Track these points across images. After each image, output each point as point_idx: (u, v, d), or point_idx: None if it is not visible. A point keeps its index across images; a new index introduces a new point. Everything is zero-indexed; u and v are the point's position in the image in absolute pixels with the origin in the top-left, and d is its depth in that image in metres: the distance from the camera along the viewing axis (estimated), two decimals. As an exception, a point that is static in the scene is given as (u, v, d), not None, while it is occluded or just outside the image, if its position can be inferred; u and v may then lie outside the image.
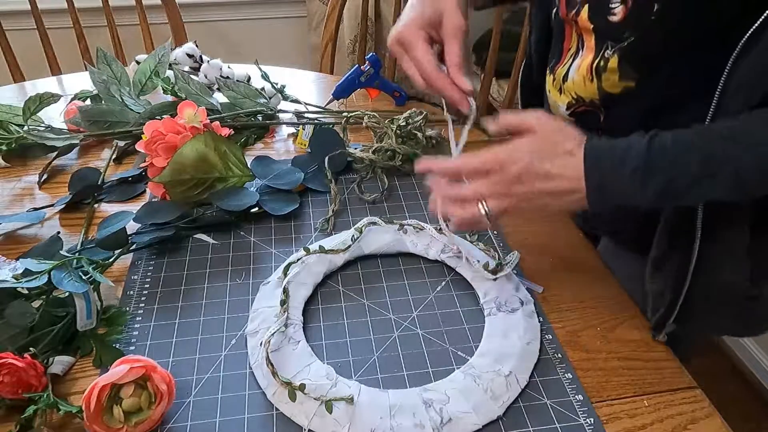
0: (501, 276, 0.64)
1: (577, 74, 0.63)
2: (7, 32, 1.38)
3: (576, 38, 0.64)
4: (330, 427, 0.50)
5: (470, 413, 0.52)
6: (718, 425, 0.53)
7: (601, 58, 0.60)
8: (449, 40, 0.60)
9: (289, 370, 0.54)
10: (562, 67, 0.66)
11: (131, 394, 0.50)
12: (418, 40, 0.60)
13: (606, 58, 0.59)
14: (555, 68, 0.68)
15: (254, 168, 0.80)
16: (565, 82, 0.65)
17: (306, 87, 1.14)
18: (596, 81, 0.61)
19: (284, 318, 0.58)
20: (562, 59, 0.67)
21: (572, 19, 0.62)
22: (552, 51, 0.70)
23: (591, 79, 0.61)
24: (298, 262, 0.65)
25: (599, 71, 0.60)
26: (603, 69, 0.60)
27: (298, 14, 1.97)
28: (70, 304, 0.58)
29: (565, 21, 0.65)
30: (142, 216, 0.71)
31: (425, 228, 0.70)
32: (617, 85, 0.60)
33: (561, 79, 0.66)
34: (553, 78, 0.68)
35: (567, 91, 0.66)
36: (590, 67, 0.61)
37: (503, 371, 0.55)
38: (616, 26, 0.57)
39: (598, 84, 0.61)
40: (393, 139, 0.85)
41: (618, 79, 0.59)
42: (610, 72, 0.59)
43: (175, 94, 0.97)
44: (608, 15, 0.57)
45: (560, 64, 0.67)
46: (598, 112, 0.64)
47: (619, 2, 0.56)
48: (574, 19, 0.62)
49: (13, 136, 0.86)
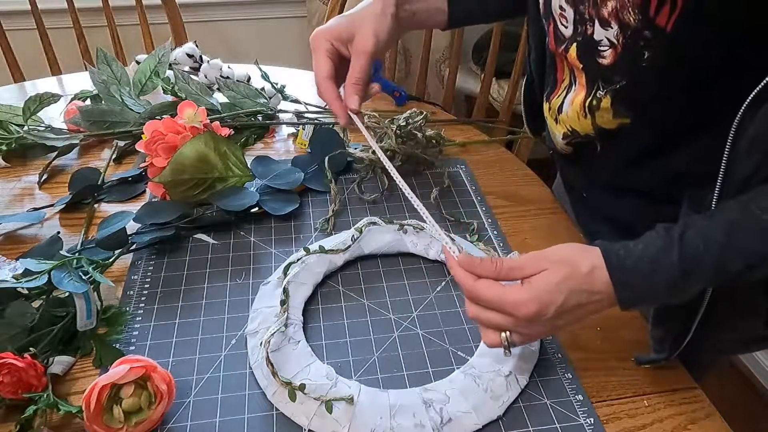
0: None
1: (571, 109, 0.61)
2: (7, 32, 1.38)
3: (568, 72, 0.62)
4: (330, 427, 0.50)
5: (470, 413, 0.52)
6: (718, 425, 0.53)
7: (593, 97, 0.58)
8: (353, 58, 0.63)
9: (289, 370, 0.54)
10: (556, 97, 0.65)
11: (131, 394, 0.50)
12: (320, 48, 0.64)
13: (598, 98, 0.57)
14: (550, 97, 0.66)
15: (254, 168, 0.80)
16: (560, 113, 0.64)
17: (306, 87, 1.13)
18: (590, 117, 0.59)
19: (284, 318, 0.58)
20: (557, 89, 0.65)
21: (561, 54, 0.60)
22: (547, 78, 0.68)
23: (585, 115, 0.59)
24: (298, 262, 0.65)
25: (592, 109, 0.58)
26: (596, 108, 0.58)
27: (298, 14, 1.97)
28: (70, 304, 0.58)
29: (555, 54, 0.63)
30: (142, 216, 0.71)
31: (425, 228, 0.70)
32: (611, 122, 0.58)
33: (556, 110, 0.65)
34: (549, 107, 0.66)
35: (562, 122, 0.64)
36: (583, 105, 0.59)
37: (503, 371, 0.55)
38: (606, 68, 0.54)
39: (592, 120, 0.59)
40: (393, 140, 0.85)
41: (612, 117, 0.57)
42: (604, 111, 0.57)
43: (175, 94, 0.97)
44: (597, 57, 0.55)
45: (555, 95, 0.65)
46: (594, 142, 0.63)
47: (607, 45, 0.53)
48: (563, 54, 0.60)
49: (13, 136, 0.86)
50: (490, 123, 1.13)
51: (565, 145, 0.66)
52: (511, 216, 0.78)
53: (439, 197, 0.80)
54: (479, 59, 1.90)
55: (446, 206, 0.79)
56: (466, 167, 0.88)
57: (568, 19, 0.57)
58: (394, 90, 1.05)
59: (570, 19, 0.56)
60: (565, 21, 0.57)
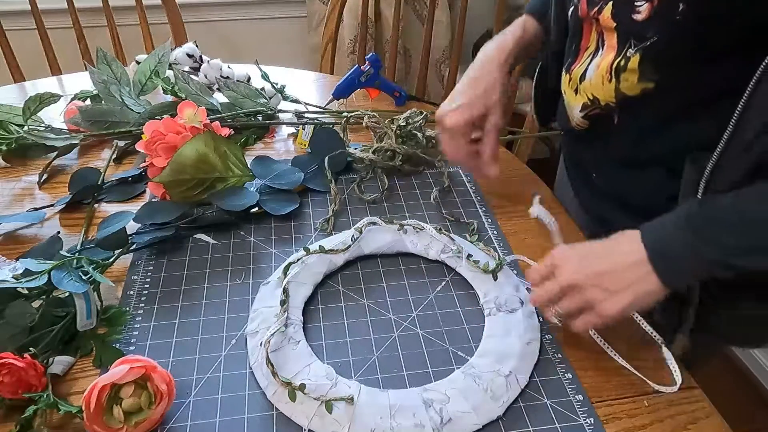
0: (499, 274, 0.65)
1: (596, 74, 0.62)
2: (7, 32, 1.38)
3: (596, 37, 0.63)
4: (330, 427, 0.50)
5: (470, 413, 0.52)
6: (718, 425, 0.53)
7: (623, 57, 0.58)
8: (488, 135, 0.72)
9: (289, 370, 0.54)
10: (579, 66, 0.66)
11: (131, 394, 0.50)
12: (460, 136, 0.72)
13: (627, 58, 0.58)
14: (571, 68, 0.67)
15: (254, 168, 0.80)
16: (582, 81, 0.65)
17: (306, 87, 1.14)
18: (614, 81, 0.60)
19: (284, 318, 0.58)
20: (579, 58, 0.66)
21: (593, 17, 0.61)
22: (567, 51, 0.69)
23: (609, 79, 0.60)
24: (298, 262, 0.65)
25: (619, 71, 0.59)
26: (623, 69, 0.59)
27: (298, 14, 1.97)
28: (70, 304, 0.58)
29: (585, 19, 0.64)
30: (142, 216, 0.71)
31: (425, 228, 0.70)
32: (635, 86, 0.59)
33: (578, 78, 0.65)
34: (570, 78, 0.67)
35: (583, 91, 0.65)
36: (610, 67, 0.60)
37: (503, 371, 0.55)
38: (639, 25, 0.56)
39: (616, 85, 0.60)
40: (393, 139, 0.85)
41: (637, 81, 0.58)
42: (630, 72, 0.58)
43: (175, 94, 0.97)
44: (632, 13, 0.56)
45: (577, 63, 0.66)
46: (612, 114, 0.63)
47: (644, 0, 0.55)
48: (595, 17, 0.61)
49: (13, 136, 0.86)
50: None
51: (582, 119, 0.67)
52: (511, 216, 0.78)
53: (440, 197, 0.80)
54: (479, 59, 1.90)
55: (446, 206, 0.79)
56: (466, 167, 0.88)
57: None
58: (394, 90, 1.05)
59: None
60: None
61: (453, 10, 1.91)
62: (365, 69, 1.00)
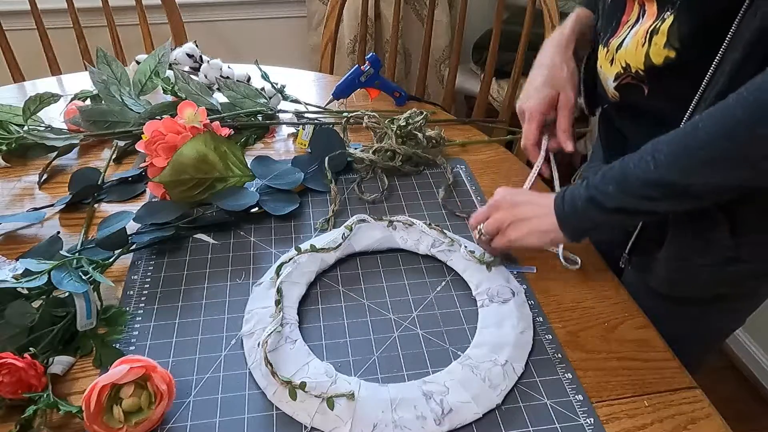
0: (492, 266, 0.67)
1: (632, 40, 0.64)
2: (7, 32, 1.38)
3: (638, 9, 0.65)
4: (332, 423, 0.51)
5: (470, 403, 0.52)
6: (718, 425, 0.53)
7: (660, 19, 0.60)
8: (561, 111, 0.75)
9: (287, 369, 0.54)
10: (617, 38, 0.67)
11: (131, 394, 0.50)
12: (534, 120, 0.76)
13: (663, 19, 0.59)
14: (609, 41, 0.69)
15: (254, 168, 0.80)
16: (618, 51, 0.66)
17: (306, 87, 1.14)
18: (646, 45, 0.61)
19: (280, 318, 0.58)
20: (618, 31, 0.67)
21: None
22: (606, 28, 0.71)
23: (643, 43, 0.62)
24: (290, 262, 0.65)
25: (653, 34, 0.60)
26: (656, 32, 0.60)
27: (298, 14, 1.97)
28: (70, 304, 0.58)
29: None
30: (142, 216, 0.71)
31: (415, 224, 0.71)
32: (660, 52, 0.60)
33: (614, 49, 0.67)
34: (607, 50, 0.69)
35: (618, 60, 0.66)
36: (646, 32, 0.61)
37: (500, 360, 0.55)
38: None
39: (647, 49, 0.61)
40: (393, 140, 0.85)
41: (663, 45, 0.59)
42: (661, 34, 0.59)
43: (175, 94, 0.97)
44: None
45: (615, 36, 0.68)
46: (641, 85, 0.64)
47: None
48: None
49: (13, 136, 0.86)
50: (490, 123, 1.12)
51: (614, 90, 0.68)
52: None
53: (444, 197, 0.80)
54: (479, 59, 1.90)
55: (447, 206, 0.79)
56: (466, 167, 0.88)
57: None
58: (394, 90, 1.05)
59: None
60: None
61: (453, 10, 1.91)
62: (365, 69, 1.00)
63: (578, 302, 0.65)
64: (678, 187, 0.53)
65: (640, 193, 0.55)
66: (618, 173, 0.57)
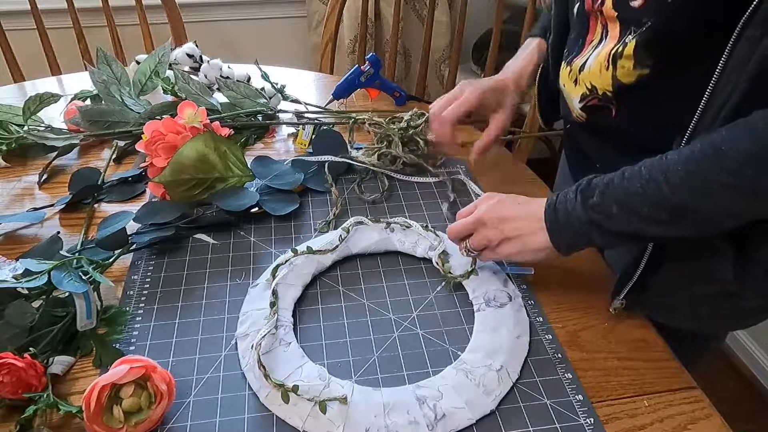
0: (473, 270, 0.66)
1: (595, 62, 0.63)
2: (7, 32, 1.38)
3: (600, 29, 0.64)
4: (324, 427, 0.50)
5: (464, 408, 0.52)
6: (718, 425, 0.53)
7: (621, 43, 0.60)
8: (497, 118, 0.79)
9: (281, 371, 0.54)
10: (580, 58, 0.67)
11: (131, 394, 0.50)
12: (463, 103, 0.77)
13: (625, 44, 0.59)
14: (573, 60, 0.68)
15: (254, 168, 0.80)
16: (582, 72, 0.66)
17: (306, 87, 1.14)
18: (611, 69, 0.61)
19: (274, 320, 0.58)
20: (583, 50, 0.67)
21: (597, 9, 0.62)
22: (570, 47, 0.70)
23: (607, 66, 0.61)
24: (286, 264, 0.65)
25: (616, 58, 0.60)
26: (619, 55, 0.59)
27: (298, 14, 1.97)
28: (70, 304, 0.58)
29: (590, 13, 0.65)
30: (142, 216, 0.71)
31: (412, 226, 0.71)
32: (631, 73, 0.59)
33: (578, 69, 0.66)
34: (570, 69, 0.68)
35: (582, 81, 0.65)
36: (608, 54, 0.61)
37: (495, 366, 0.55)
38: (636, 11, 0.57)
39: (612, 72, 0.61)
40: (399, 147, 0.84)
41: (632, 67, 0.59)
42: (626, 59, 0.59)
43: (175, 94, 0.97)
44: (630, 0, 0.57)
45: (579, 56, 0.67)
46: (610, 105, 0.64)
47: None
48: (599, 9, 0.62)
49: (13, 136, 0.86)
50: (490, 123, 1.12)
51: (581, 111, 0.67)
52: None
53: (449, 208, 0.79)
54: (479, 59, 1.90)
55: (445, 206, 0.79)
56: (466, 167, 0.88)
57: None
58: (394, 90, 1.05)
59: None
60: None
61: (453, 10, 1.91)
62: (365, 69, 1.00)
63: (578, 302, 0.65)
64: (695, 211, 0.50)
65: (648, 215, 0.51)
66: (623, 193, 0.53)
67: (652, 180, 0.51)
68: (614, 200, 0.53)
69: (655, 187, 0.50)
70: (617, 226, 0.54)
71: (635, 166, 0.53)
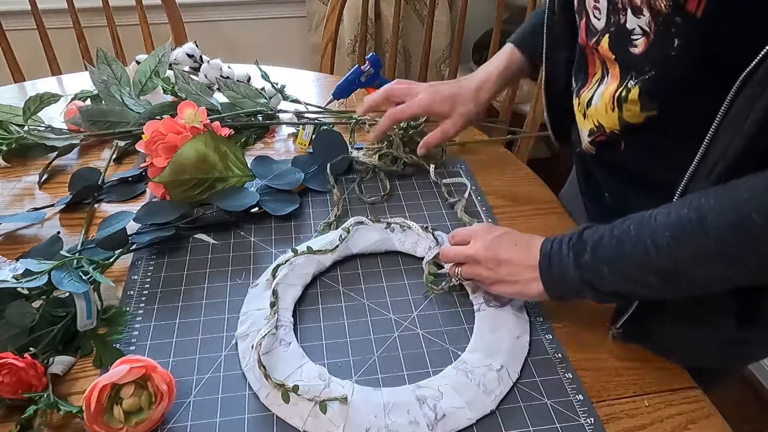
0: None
1: (600, 101, 0.62)
2: (7, 32, 1.38)
3: (600, 65, 0.63)
4: (325, 427, 0.50)
5: (464, 408, 0.52)
6: (718, 425, 0.53)
7: (624, 87, 0.58)
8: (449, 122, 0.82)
9: (281, 371, 0.54)
10: (587, 91, 0.65)
11: (131, 394, 0.50)
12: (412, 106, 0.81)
13: (628, 89, 0.57)
14: (581, 92, 0.66)
15: (254, 168, 0.80)
16: (589, 107, 0.64)
17: (306, 87, 1.14)
18: (617, 111, 0.59)
19: (275, 320, 0.58)
20: (588, 83, 0.65)
21: (592, 47, 0.61)
22: (575, 74, 0.68)
23: (612, 108, 0.60)
24: (286, 264, 0.65)
25: (621, 101, 0.58)
26: (624, 99, 0.58)
27: (298, 14, 1.97)
28: (70, 304, 0.58)
29: (586, 48, 0.63)
30: (142, 216, 0.71)
31: (412, 226, 0.71)
32: (638, 115, 0.58)
33: (585, 104, 0.65)
34: (579, 102, 0.67)
35: (590, 116, 0.64)
36: (612, 96, 0.59)
37: (495, 366, 0.55)
38: (637, 59, 0.55)
39: (618, 114, 0.59)
40: (401, 148, 0.84)
41: (639, 110, 0.57)
42: (631, 103, 0.57)
43: (175, 94, 0.97)
44: (629, 47, 0.55)
45: (586, 88, 0.65)
46: (618, 141, 0.62)
47: (640, 34, 0.53)
48: (594, 47, 0.60)
49: (13, 136, 0.86)
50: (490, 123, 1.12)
51: (590, 144, 0.66)
52: (511, 216, 0.78)
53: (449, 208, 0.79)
54: (479, 59, 1.90)
55: (446, 206, 0.79)
56: (466, 167, 0.88)
57: (601, 11, 0.58)
58: (394, 90, 1.04)
59: (603, 10, 0.57)
60: (599, 12, 0.58)
61: (453, 10, 1.91)
62: (365, 69, 1.00)
63: (578, 302, 0.65)
64: (682, 276, 0.49)
65: (637, 277, 0.51)
66: (612, 254, 0.52)
67: (640, 242, 0.50)
68: (604, 261, 0.52)
69: (643, 250, 0.49)
70: (609, 286, 0.53)
71: (624, 223, 0.52)
